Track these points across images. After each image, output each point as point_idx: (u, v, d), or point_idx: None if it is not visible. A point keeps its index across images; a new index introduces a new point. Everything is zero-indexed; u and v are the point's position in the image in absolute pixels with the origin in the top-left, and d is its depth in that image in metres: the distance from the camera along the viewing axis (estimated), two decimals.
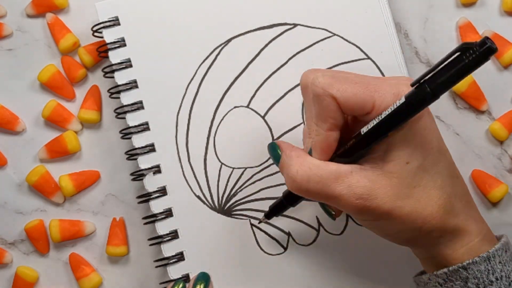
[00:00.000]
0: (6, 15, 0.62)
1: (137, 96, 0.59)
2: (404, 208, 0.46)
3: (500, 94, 0.62)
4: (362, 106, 0.46)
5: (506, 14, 0.62)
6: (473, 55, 0.40)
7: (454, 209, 0.48)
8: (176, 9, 0.59)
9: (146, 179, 0.58)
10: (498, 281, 0.47)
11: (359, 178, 0.46)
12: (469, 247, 0.48)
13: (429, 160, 0.47)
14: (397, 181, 0.46)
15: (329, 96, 0.46)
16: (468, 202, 0.49)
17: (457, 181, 0.49)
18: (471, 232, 0.48)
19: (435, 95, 0.42)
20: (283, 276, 0.58)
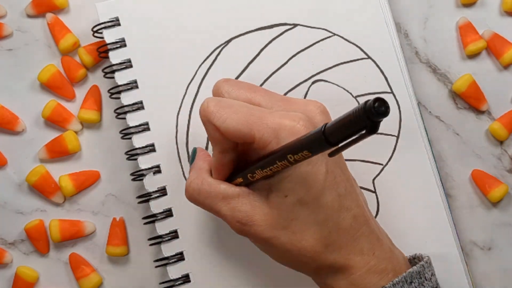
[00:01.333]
0: (6, 15, 0.62)
1: (137, 96, 0.59)
2: (279, 238, 0.47)
3: (500, 94, 0.62)
4: (242, 137, 0.46)
5: (506, 14, 0.62)
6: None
7: (335, 243, 0.47)
8: (176, 10, 0.59)
9: (146, 179, 0.58)
10: None
11: (243, 202, 0.48)
12: (349, 281, 0.48)
13: (310, 195, 0.46)
14: (276, 212, 0.47)
15: (210, 124, 0.47)
16: (359, 236, 0.48)
17: (346, 214, 0.47)
18: (353, 266, 0.47)
19: (330, 143, 0.39)
20: (283, 276, 0.58)
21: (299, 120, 0.45)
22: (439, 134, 0.62)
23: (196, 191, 0.50)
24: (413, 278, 0.48)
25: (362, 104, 0.36)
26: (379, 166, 0.59)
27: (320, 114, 0.48)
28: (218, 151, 0.49)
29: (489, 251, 0.61)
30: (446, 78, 0.62)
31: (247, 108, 0.47)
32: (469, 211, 0.61)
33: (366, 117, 0.36)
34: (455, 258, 0.58)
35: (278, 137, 0.45)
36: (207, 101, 0.47)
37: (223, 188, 0.49)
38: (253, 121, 0.46)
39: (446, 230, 0.58)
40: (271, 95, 0.50)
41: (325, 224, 0.47)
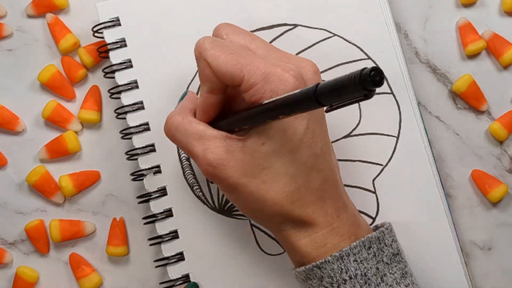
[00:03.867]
0: (6, 15, 0.62)
1: (137, 96, 0.59)
2: (248, 186, 0.47)
3: (500, 94, 0.62)
4: (231, 77, 0.46)
5: (506, 14, 0.62)
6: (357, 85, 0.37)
7: (302, 199, 0.48)
8: (177, 10, 0.59)
9: (146, 179, 0.58)
10: (352, 280, 0.47)
11: (218, 145, 0.48)
12: (312, 238, 0.48)
13: (286, 147, 0.47)
14: (249, 159, 0.47)
15: (203, 59, 0.47)
16: (326, 198, 0.49)
17: (317, 174, 0.48)
18: (316, 224, 0.48)
19: (320, 104, 0.39)
20: (282, 276, 0.58)
21: (289, 70, 0.45)
22: (439, 134, 0.62)
23: (174, 126, 0.50)
24: (371, 243, 0.49)
25: (358, 71, 0.36)
26: (379, 167, 0.59)
27: (312, 73, 0.49)
28: (205, 91, 0.49)
29: (489, 251, 0.61)
30: (446, 78, 0.62)
31: (241, 51, 0.47)
32: (469, 211, 0.61)
33: (361, 85, 0.36)
34: (455, 258, 0.58)
35: (267, 81, 0.45)
36: (204, 38, 0.48)
37: (201, 128, 0.49)
38: (245, 63, 0.46)
39: (446, 230, 0.58)
40: (268, 46, 0.50)
41: (294, 179, 0.47)
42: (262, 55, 0.49)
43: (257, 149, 0.47)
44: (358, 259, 0.48)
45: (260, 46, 0.50)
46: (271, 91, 0.45)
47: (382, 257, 0.49)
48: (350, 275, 0.47)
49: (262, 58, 0.47)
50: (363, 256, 0.48)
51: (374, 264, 0.48)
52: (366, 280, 0.48)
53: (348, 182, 0.57)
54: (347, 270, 0.48)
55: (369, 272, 0.48)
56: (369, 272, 0.48)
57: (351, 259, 0.48)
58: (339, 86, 0.37)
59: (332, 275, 0.48)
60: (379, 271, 0.48)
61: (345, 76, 0.37)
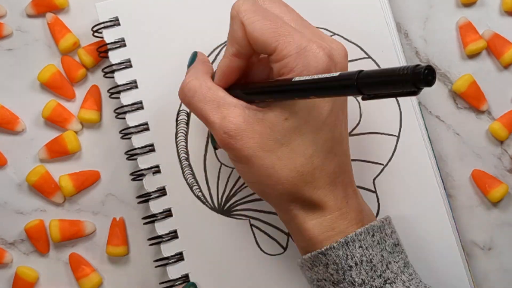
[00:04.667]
0: (6, 15, 0.62)
1: (137, 96, 0.59)
2: (263, 160, 0.46)
3: (500, 94, 0.62)
4: (264, 45, 0.46)
5: (506, 14, 0.62)
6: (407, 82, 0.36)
7: (315, 181, 0.47)
8: (176, 10, 0.59)
9: (145, 179, 0.58)
10: (357, 266, 0.47)
11: (237, 114, 0.46)
12: (320, 221, 0.48)
13: (309, 127, 0.46)
14: (269, 132, 0.46)
15: (239, 20, 0.46)
16: (337, 182, 0.48)
17: (333, 158, 0.48)
18: (326, 207, 0.48)
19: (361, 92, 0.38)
20: (282, 276, 0.58)
21: (324, 49, 0.45)
22: (440, 134, 0.62)
23: (191, 91, 0.48)
24: (374, 231, 0.49)
25: (410, 66, 0.35)
26: (379, 166, 0.59)
27: (342, 57, 0.48)
28: (231, 53, 0.48)
29: (489, 251, 0.61)
30: (446, 78, 0.62)
31: (279, 20, 0.46)
32: (469, 211, 0.61)
33: (412, 82, 0.35)
34: (456, 258, 0.58)
35: (300, 55, 0.45)
36: (243, 0, 0.47)
37: (221, 95, 0.47)
38: (282, 32, 0.45)
39: (447, 230, 0.58)
40: (303, 21, 0.49)
41: (311, 160, 0.47)
42: (296, 28, 0.48)
43: (278, 123, 0.46)
44: (363, 246, 0.48)
45: (295, 20, 0.49)
46: (303, 66, 0.45)
47: (385, 246, 0.49)
48: (356, 261, 0.47)
49: (298, 31, 0.46)
50: (368, 242, 0.48)
51: (379, 252, 0.48)
52: (372, 266, 0.47)
53: None
54: (353, 256, 0.47)
55: (374, 258, 0.47)
56: (374, 259, 0.47)
57: (356, 245, 0.47)
58: (387, 78, 0.36)
59: (337, 261, 0.47)
60: (384, 258, 0.48)
61: (394, 68, 0.36)
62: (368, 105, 0.59)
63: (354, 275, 0.47)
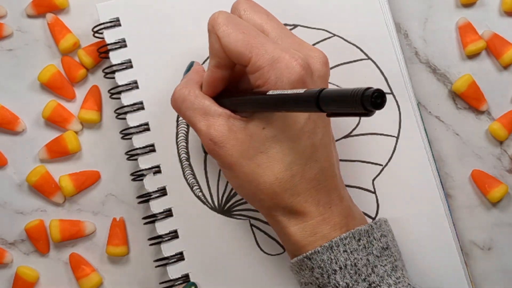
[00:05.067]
0: (6, 15, 0.62)
1: (137, 96, 0.59)
2: (244, 167, 0.48)
3: (500, 94, 0.62)
4: (239, 56, 0.47)
5: (506, 14, 0.62)
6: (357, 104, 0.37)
7: (295, 188, 0.48)
8: (177, 10, 0.59)
9: (146, 179, 0.58)
10: (342, 270, 0.48)
11: (221, 123, 0.48)
12: (301, 227, 0.49)
13: (286, 135, 0.47)
14: (249, 141, 0.48)
15: (214, 33, 0.48)
16: (320, 188, 0.49)
17: (313, 164, 0.48)
18: (307, 213, 0.49)
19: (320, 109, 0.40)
20: (282, 276, 0.58)
21: (298, 59, 0.46)
22: (439, 134, 0.62)
23: (180, 99, 0.51)
24: (361, 235, 0.49)
25: (361, 89, 0.36)
26: (379, 167, 0.59)
27: (321, 64, 0.49)
28: (213, 65, 0.49)
29: (489, 251, 0.61)
30: (446, 78, 0.62)
31: (253, 32, 0.48)
32: (469, 211, 0.61)
33: (361, 104, 0.36)
34: (455, 258, 0.58)
35: (273, 66, 0.46)
36: (218, 13, 0.48)
37: (207, 104, 0.49)
38: (255, 44, 0.46)
39: (446, 230, 0.58)
40: (283, 30, 0.50)
41: (290, 167, 0.48)
42: (274, 38, 0.49)
43: (257, 132, 0.47)
44: (348, 250, 0.48)
45: (275, 28, 0.50)
46: (276, 77, 0.46)
47: (372, 250, 0.49)
48: (340, 265, 0.48)
49: (273, 42, 0.47)
50: (353, 247, 0.48)
51: (365, 256, 0.48)
52: (356, 270, 0.48)
53: (347, 182, 0.57)
54: (337, 261, 0.48)
55: (359, 262, 0.48)
56: (359, 263, 0.48)
57: (341, 249, 0.48)
58: (342, 98, 0.38)
59: (322, 265, 0.48)
60: (370, 262, 0.49)
61: (349, 90, 0.37)
62: None
63: (339, 279, 0.48)
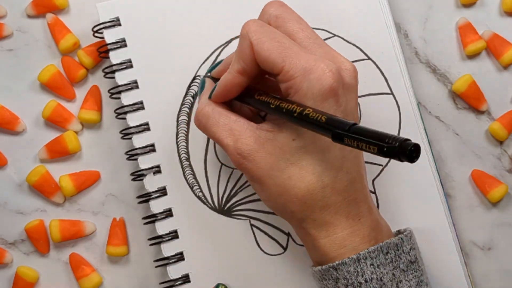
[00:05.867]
0: (6, 15, 0.62)
1: (137, 96, 0.59)
2: (274, 179, 0.48)
3: (500, 94, 0.62)
4: (271, 65, 0.47)
5: (506, 14, 0.62)
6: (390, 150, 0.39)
7: (325, 200, 0.48)
8: (177, 10, 0.59)
9: (146, 179, 0.58)
10: (367, 283, 0.48)
11: (248, 136, 0.49)
12: (331, 239, 0.49)
13: (316, 146, 0.47)
14: (279, 152, 0.48)
15: (248, 39, 0.48)
16: (350, 200, 0.49)
17: (343, 176, 0.48)
18: (337, 225, 0.49)
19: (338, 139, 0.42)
20: (282, 276, 0.58)
21: (330, 70, 0.46)
22: (439, 134, 0.62)
23: (205, 117, 0.51)
24: (389, 248, 0.49)
25: (400, 139, 0.38)
26: (379, 167, 0.59)
27: (351, 77, 0.49)
28: (236, 70, 0.49)
29: (489, 251, 0.61)
30: (446, 78, 0.62)
31: (287, 41, 0.48)
32: (468, 211, 0.61)
33: (396, 153, 0.38)
34: (454, 258, 0.58)
35: (305, 77, 0.46)
36: (253, 21, 0.49)
37: (233, 118, 0.50)
38: (288, 54, 0.47)
39: (446, 230, 0.58)
40: (316, 39, 0.50)
41: (321, 179, 0.48)
42: (307, 47, 0.49)
43: (287, 143, 0.47)
44: (375, 263, 0.48)
45: (308, 38, 0.50)
46: (307, 88, 0.46)
47: (399, 264, 0.49)
48: (366, 278, 0.48)
49: (306, 52, 0.47)
50: (380, 260, 0.48)
51: (391, 270, 0.48)
52: (382, 285, 0.48)
53: None
54: (363, 273, 0.48)
55: (385, 277, 0.48)
56: (385, 277, 0.48)
57: (368, 263, 0.48)
58: (374, 141, 0.39)
59: (347, 277, 0.48)
60: (395, 277, 0.48)
61: (384, 135, 0.39)
62: (368, 106, 0.59)
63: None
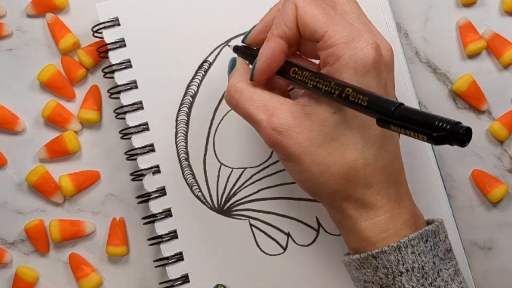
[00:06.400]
0: (6, 15, 0.62)
1: (137, 96, 0.59)
2: (314, 156, 0.46)
3: (500, 94, 0.62)
4: (313, 30, 0.45)
5: (506, 14, 0.62)
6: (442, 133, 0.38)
7: (368, 178, 0.46)
8: (176, 10, 0.59)
9: (145, 179, 0.58)
10: (408, 272, 0.46)
11: (285, 110, 0.46)
12: (373, 222, 0.47)
13: (358, 121, 0.45)
14: (318, 127, 0.45)
15: (293, 2, 0.46)
16: (390, 181, 0.47)
17: (384, 155, 0.47)
18: (379, 207, 0.47)
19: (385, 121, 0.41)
20: (282, 276, 0.58)
21: (373, 43, 0.45)
22: None
23: (238, 92, 0.48)
24: (428, 236, 0.47)
25: (452, 122, 0.37)
26: None
27: (390, 58, 0.48)
28: (277, 34, 0.47)
29: (489, 251, 0.61)
30: (446, 78, 0.62)
31: (332, 12, 0.46)
32: (469, 211, 0.61)
33: (447, 136, 0.37)
34: (459, 258, 0.58)
35: (348, 45, 0.44)
36: None
37: (267, 94, 0.48)
38: (333, 21, 0.45)
39: (450, 231, 0.58)
40: (359, 14, 0.49)
41: (363, 155, 0.46)
42: (350, 20, 0.48)
43: (326, 117, 0.45)
44: (416, 252, 0.46)
45: (352, 12, 0.48)
46: (349, 57, 0.44)
47: (437, 252, 0.47)
48: (407, 267, 0.46)
49: (350, 23, 0.46)
50: (421, 248, 0.46)
51: (431, 258, 0.46)
52: (423, 274, 0.46)
53: None
54: (404, 262, 0.46)
55: (426, 265, 0.46)
56: (426, 266, 0.46)
57: (409, 251, 0.46)
58: (422, 123, 0.38)
59: (388, 266, 0.46)
60: (436, 265, 0.46)
61: (434, 116, 0.38)
62: None
63: (404, 281, 0.46)
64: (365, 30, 0.47)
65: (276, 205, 0.59)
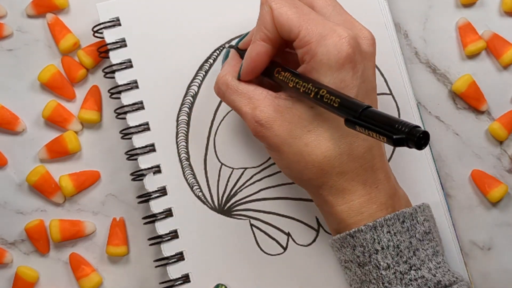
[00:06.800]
0: (6, 15, 0.62)
1: (137, 96, 0.59)
2: (291, 146, 0.49)
3: (500, 94, 0.62)
4: (288, 30, 0.48)
5: (506, 14, 0.62)
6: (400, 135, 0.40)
7: (342, 166, 0.49)
8: (177, 10, 0.59)
9: (146, 179, 0.58)
10: (384, 250, 0.48)
11: (267, 104, 0.49)
12: (348, 206, 0.49)
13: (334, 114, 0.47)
14: (296, 120, 0.49)
15: (268, 5, 0.49)
16: (367, 167, 0.49)
17: (361, 143, 0.49)
18: (353, 191, 0.49)
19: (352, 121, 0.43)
20: (282, 276, 0.58)
21: (347, 37, 0.47)
22: (439, 134, 0.62)
23: (225, 85, 0.52)
24: (405, 218, 0.49)
25: (410, 125, 0.39)
26: None
27: (369, 45, 0.49)
28: (259, 38, 0.50)
29: (488, 251, 0.61)
30: (445, 78, 0.62)
31: (305, 8, 0.48)
32: (468, 211, 0.61)
33: (404, 138, 0.39)
34: (455, 258, 0.58)
35: (320, 43, 0.46)
36: None
37: (251, 87, 0.51)
38: (305, 19, 0.47)
39: (446, 230, 0.58)
40: (336, 7, 0.51)
41: (338, 145, 0.48)
42: (326, 15, 0.50)
43: (305, 111, 0.48)
44: (392, 231, 0.48)
45: (327, 5, 0.50)
46: (322, 54, 0.46)
47: (415, 233, 0.49)
48: (383, 245, 0.48)
49: (323, 19, 0.48)
50: (396, 228, 0.49)
51: (407, 238, 0.49)
52: (398, 252, 0.48)
53: None
54: (380, 241, 0.48)
55: (401, 244, 0.48)
56: (401, 245, 0.48)
57: (385, 230, 0.48)
58: (384, 125, 0.40)
59: (364, 244, 0.48)
60: (412, 245, 0.49)
61: (394, 120, 0.40)
62: None
63: (380, 259, 0.48)
64: (339, 24, 0.48)
65: (276, 205, 0.59)
